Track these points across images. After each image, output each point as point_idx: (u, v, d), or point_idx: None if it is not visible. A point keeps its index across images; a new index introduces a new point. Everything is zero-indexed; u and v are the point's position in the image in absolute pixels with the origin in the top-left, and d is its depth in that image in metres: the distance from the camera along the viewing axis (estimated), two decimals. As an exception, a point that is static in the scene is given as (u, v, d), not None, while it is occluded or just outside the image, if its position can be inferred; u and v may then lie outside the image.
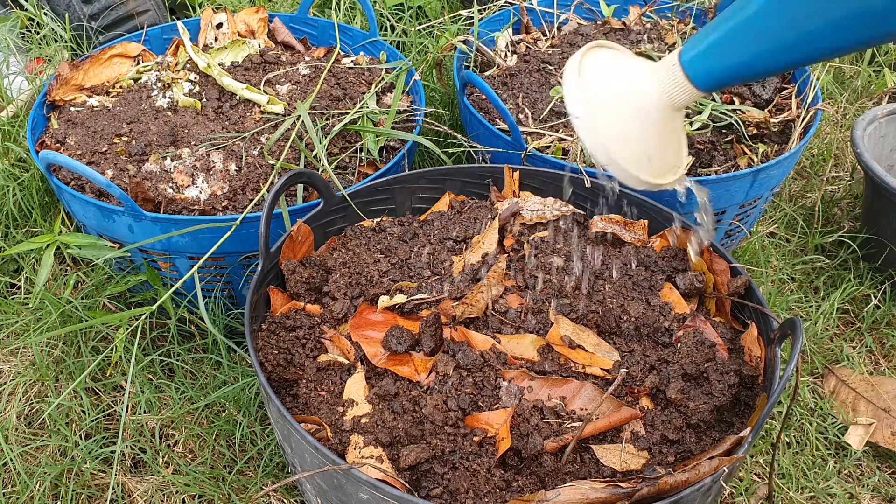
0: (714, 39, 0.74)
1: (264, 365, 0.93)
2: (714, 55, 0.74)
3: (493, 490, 0.81)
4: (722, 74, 0.75)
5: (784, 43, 0.70)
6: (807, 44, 0.69)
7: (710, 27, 0.74)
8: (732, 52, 0.73)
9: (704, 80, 0.75)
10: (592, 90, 0.77)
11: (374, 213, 1.20)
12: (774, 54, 0.71)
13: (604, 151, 0.77)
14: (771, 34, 0.70)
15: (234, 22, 1.62)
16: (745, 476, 1.19)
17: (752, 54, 0.72)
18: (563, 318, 0.98)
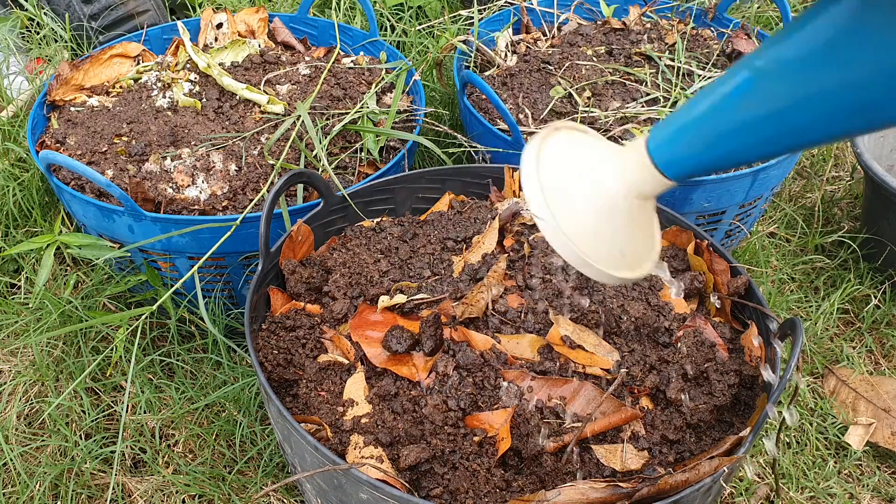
0: (682, 124, 0.67)
1: (264, 365, 0.93)
2: (682, 142, 0.67)
3: (493, 490, 0.81)
4: (693, 164, 0.68)
5: (763, 136, 0.62)
6: (790, 136, 0.62)
7: (680, 109, 0.68)
8: (703, 140, 0.66)
9: (675, 171, 0.69)
10: (554, 190, 0.70)
11: (374, 213, 1.20)
12: (751, 147, 0.64)
13: (576, 255, 0.71)
14: (747, 125, 0.63)
15: (234, 22, 1.62)
16: (745, 476, 1.19)
17: (726, 147, 0.65)
18: (563, 318, 0.98)
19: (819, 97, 0.59)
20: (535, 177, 0.70)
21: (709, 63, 1.56)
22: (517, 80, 1.52)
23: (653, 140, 0.69)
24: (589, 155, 0.73)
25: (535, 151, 0.72)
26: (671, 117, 0.68)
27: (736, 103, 0.63)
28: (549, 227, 0.70)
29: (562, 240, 0.70)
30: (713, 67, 1.55)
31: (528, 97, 1.48)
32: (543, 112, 1.43)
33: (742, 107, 0.62)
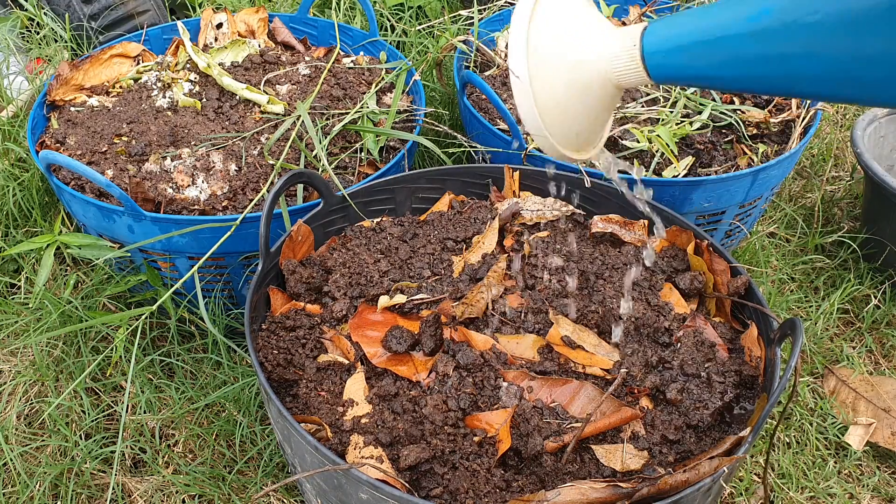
0: (686, 32, 0.63)
1: (264, 365, 0.93)
2: (679, 51, 0.64)
3: (493, 490, 0.81)
4: (681, 74, 0.66)
5: (766, 74, 0.59)
6: (793, 83, 0.59)
7: (688, 14, 0.64)
8: (702, 56, 0.63)
9: (660, 73, 0.66)
10: (541, 49, 0.68)
11: (374, 213, 1.20)
12: (749, 80, 0.62)
13: (536, 120, 0.69)
14: (753, 58, 0.59)
15: (234, 22, 1.62)
16: (745, 476, 1.19)
17: (723, 71, 0.62)
18: (563, 318, 0.98)
19: (836, 61, 0.56)
20: (524, 32, 0.68)
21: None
22: (517, 80, 1.51)
23: (649, 37, 0.66)
24: (581, 27, 0.70)
25: (530, 5, 0.68)
26: (676, 20, 0.65)
27: (751, 31, 0.59)
28: (521, 87, 0.68)
29: (529, 104, 0.69)
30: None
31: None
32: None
33: (754, 37, 0.59)
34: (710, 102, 1.42)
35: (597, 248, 1.12)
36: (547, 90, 0.69)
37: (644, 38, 0.66)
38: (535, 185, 1.21)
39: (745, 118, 1.41)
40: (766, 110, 1.45)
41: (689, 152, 1.36)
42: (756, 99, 1.49)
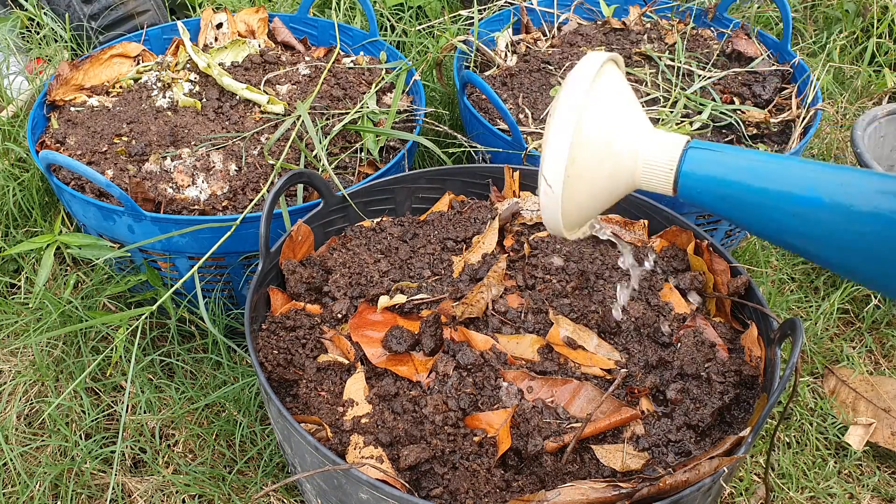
0: (731, 183, 0.64)
1: (264, 365, 0.93)
2: (717, 188, 0.65)
3: (493, 490, 0.81)
4: (708, 206, 0.67)
5: (787, 239, 0.62)
6: (808, 249, 0.62)
7: (742, 157, 0.65)
8: (735, 199, 0.64)
9: (687, 196, 0.68)
10: (580, 163, 0.67)
11: (374, 213, 1.20)
12: (767, 233, 0.64)
13: (558, 224, 0.70)
14: (781, 225, 0.61)
15: (234, 22, 1.62)
16: (745, 476, 1.19)
17: (757, 220, 0.63)
18: (563, 318, 0.98)
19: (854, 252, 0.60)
20: (566, 148, 0.66)
21: (709, 63, 1.56)
22: (517, 80, 1.52)
23: (691, 163, 0.67)
24: (622, 135, 0.69)
25: (573, 119, 0.66)
26: (723, 157, 0.66)
27: (794, 211, 0.61)
28: (552, 197, 0.68)
29: (555, 210, 0.69)
30: (713, 67, 1.55)
31: (528, 97, 1.48)
32: (543, 112, 1.43)
33: (795, 216, 0.61)
34: (710, 102, 1.42)
35: (597, 248, 1.12)
36: (575, 198, 0.69)
37: (685, 160, 0.66)
38: (535, 185, 1.21)
39: (745, 118, 1.41)
40: (766, 110, 1.45)
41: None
42: (756, 99, 1.49)
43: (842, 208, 0.59)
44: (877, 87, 1.97)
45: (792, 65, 1.56)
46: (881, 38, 2.06)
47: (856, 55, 2.10)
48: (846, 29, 2.14)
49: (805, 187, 0.61)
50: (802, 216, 0.61)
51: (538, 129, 1.39)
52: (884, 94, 2.01)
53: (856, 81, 2.00)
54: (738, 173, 0.65)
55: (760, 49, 1.60)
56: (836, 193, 0.59)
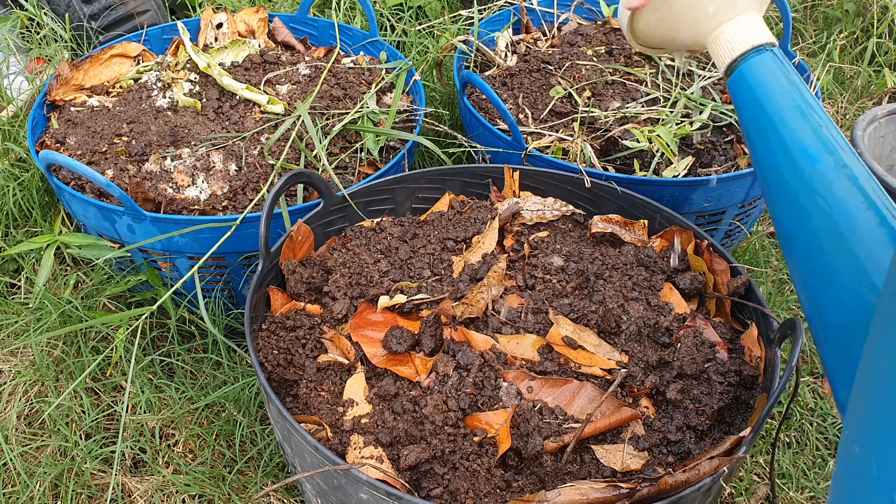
0: (769, 109, 0.72)
1: (264, 365, 0.93)
2: (755, 102, 0.73)
3: (493, 490, 0.81)
4: (739, 107, 0.76)
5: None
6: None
7: (793, 97, 0.72)
8: (759, 114, 0.72)
9: (731, 86, 0.76)
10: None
11: (374, 213, 1.20)
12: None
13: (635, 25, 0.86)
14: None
15: (234, 22, 1.62)
16: (745, 476, 1.19)
17: (763, 144, 0.71)
18: (563, 318, 0.98)
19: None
20: None
21: (709, 63, 1.56)
22: (517, 80, 1.52)
23: (750, 65, 0.75)
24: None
25: None
26: (782, 80, 0.73)
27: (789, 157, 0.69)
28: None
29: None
30: (713, 67, 1.55)
31: (528, 97, 1.48)
32: (543, 112, 1.43)
33: (789, 157, 0.69)
34: (710, 102, 1.42)
35: (597, 249, 1.12)
36: (649, 16, 0.85)
37: (749, 59, 0.76)
38: (535, 185, 1.21)
39: (745, 118, 1.41)
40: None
41: (689, 152, 1.36)
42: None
43: (825, 181, 0.65)
44: (877, 87, 1.97)
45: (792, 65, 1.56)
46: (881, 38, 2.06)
47: (856, 55, 2.10)
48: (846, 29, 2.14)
49: (814, 146, 0.67)
50: (795, 163, 0.67)
51: (538, 129, 1.39)
52: (884, 94, 2.01)
53: (856, 81, 2.00)
54: (780, 98, 0.72)
55: (760, 49, 1.60)
56: (833, 168, 0.65)
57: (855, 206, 0.63)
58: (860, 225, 0.62)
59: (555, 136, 1.36)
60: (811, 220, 0.65)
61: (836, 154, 0.67)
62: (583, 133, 1.37)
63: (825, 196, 0.64)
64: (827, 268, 0.64)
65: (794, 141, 0.69)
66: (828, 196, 0.64)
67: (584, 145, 1.31)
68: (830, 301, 0.64)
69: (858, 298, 0.61)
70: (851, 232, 0.62)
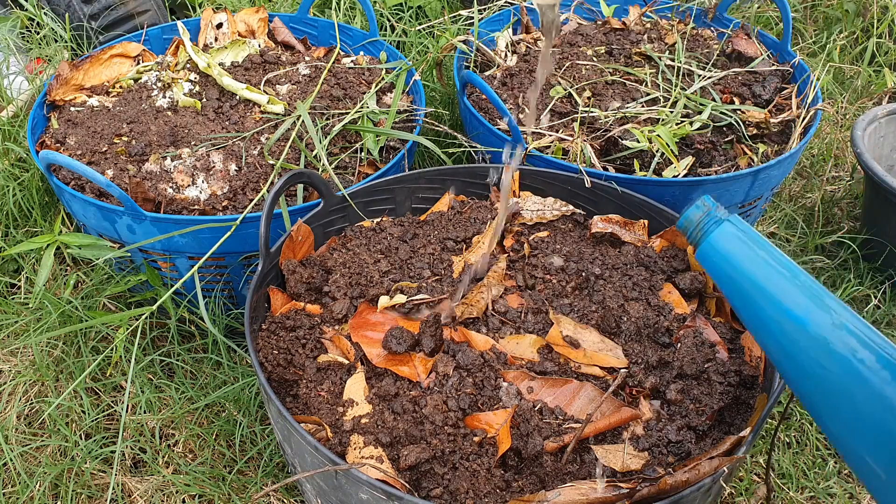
0: (745, 277, 0.73)
1: (264, 365, 0.93)
2: (730, 273, 0.74)
3: (494, 490, 0.81)
4: (715, 277, 0.77)
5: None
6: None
7: (759, 256, 0.73)
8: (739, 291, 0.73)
9: (701, 258, 0.77)
10: None
11: (374, 213, 1.20)
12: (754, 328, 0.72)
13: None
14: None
15: (234, 22, 1.62)
16: (745, 476, 1.19)
17: (750, 312, 0.72)
18: (563, 318, 0.98)
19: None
20: None
21: (709, 63, 1.56)
22: (517, 80, 1.52)
23: (719, 235, 0.76)
24: None
25: None
26: (749, 246, 0.74)
27: (780, 318, 0.70)
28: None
29: None
30: (713, 67, 1.55)
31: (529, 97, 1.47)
32: (543, 112, 1.43)
33: (778, 321, 0.70)
34: (710, 102, 1.42)
35: (597, 249, 1.12)
36: None
37: (716, 230, 0.76)
38: (535, 185, 1.21)
39: (745, 118, 1.41)
40: (766, 110, 1.45)
41: (689, 152, 1.36)
42: (756, 99, 1.49)
43: (821, 341, 0.65)
44: (877, 87, 1.97)
45: (792, 65, 1.56)
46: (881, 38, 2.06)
47: (856, 55, 2.10)
48: (846, 29, 2.14)
49: (802, 307, 0.68)
50: (786, 329, 0.68)
51: (538, 129, 1.39)
52: (884, 94, 2.01)
53: (856, 81, 2.00)
54: (752, 265, 0.72)
55: (760, 49, 1.60)
56: (824, 326, 0.66)
57: (854, 356, 0.64)
58: (873, 369, 0.63)
59: (555, 136, 1.36)
60: (819, 378, 0.66)
61: (826, 311, 0.67)
62: (583, 133, 1.37)
63: (825, 355, 0.65)
64: (850, 417, 0.64)
65: (779, 307, 0.69)
66: (827, 355, 0.65)
67: (584, 145, 1.31)
68: (861, 441, 0.64)
69: (892, 435, 0.61)
70: (865, 377, 0.63)
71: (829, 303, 0.67)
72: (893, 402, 0.60)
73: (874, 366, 0.62)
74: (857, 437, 0.63)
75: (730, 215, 0.76)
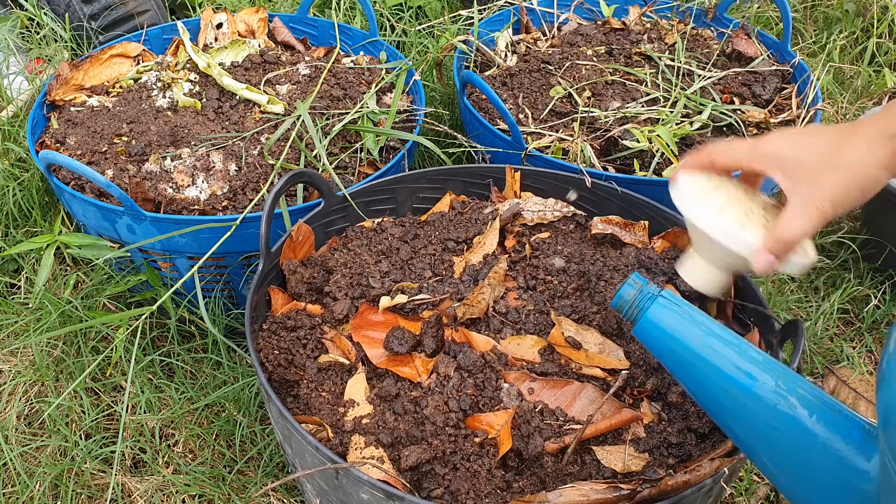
0: (686, 351, 0.73)
1: (265, 365, 0.93)
2: (671, 348, 0.75)
3: (494, 491, 0.81)
4: (657, 354, 0.77)
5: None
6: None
7: (697, 330, 0.74)
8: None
9: (639, 335, 0.78)
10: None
11: (375, 213, 1.20)
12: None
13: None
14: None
15: (234, 22, 1.62)
16: (745, 476, 1.19)
17: (695, 383, 0.73)
18: (564, 319, 0.98)
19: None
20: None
21: (709, 63, 1.56)
22: (517, 80, 1.51)
23: (655, 309, 0.76)
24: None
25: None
26: (686, 320, 0.75)
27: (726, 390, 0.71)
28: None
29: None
30: (713, 67, 1.55)
31: (528, 97, 1.48)
32: (543, 112, 1.43)
33: (726, 389, 0.71)
34: (710, 102, 1.42)
35: (598, 250, 1.12)
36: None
37: (651, 306, 0.76)
38: (536, 185, 1.21)
39: (745, 118, 1.41)
40: (766, 110, 1.45)
41: (689, 152, 1.36)
42: (756, 99, 1.49)
43: (769, 405, 0.68)
44: (877, 87, 1.97)
45: (792, 65, 1.56)
46: (881, 38, 2.06)
47: (856, 55, 2.10)
48: (846, 29, 2.14)
49: (747, 374, 0.69)
50: (733, 396, 0.69)
51: (538, 129, 1.39)
52: (884, 94, 2.01)
53: (856, 81, 2.00)
54: (692, 337, 0.73)
55: (760, 49, 1.60)
56: (769, 388, 0.68)
57: (799, 415, 0.66)
58: (821, 423, 0.65)
59: (555, 136, 1.36)
60: (771, 439, 0.68)
61: (769, 374, 0.69)
62: (583, 133, 1.37)
63: (774, 417, 0.67)
64: (804, 472, 0.66)
65: (724, 376, 0.71)
66: (776, 417, 0.67)
67: (584, 145, 1.31)
68: (818, 495, 0.66)
69: (847, 485, 0.64)
70: (814, 432, 0.65)
71: (771, 366, 0.70)
72: (840, 453, 0.64)
73: (817, 422, 0.65)
74: (810, 488, 0.67)
75: (662, 290, 0.77)
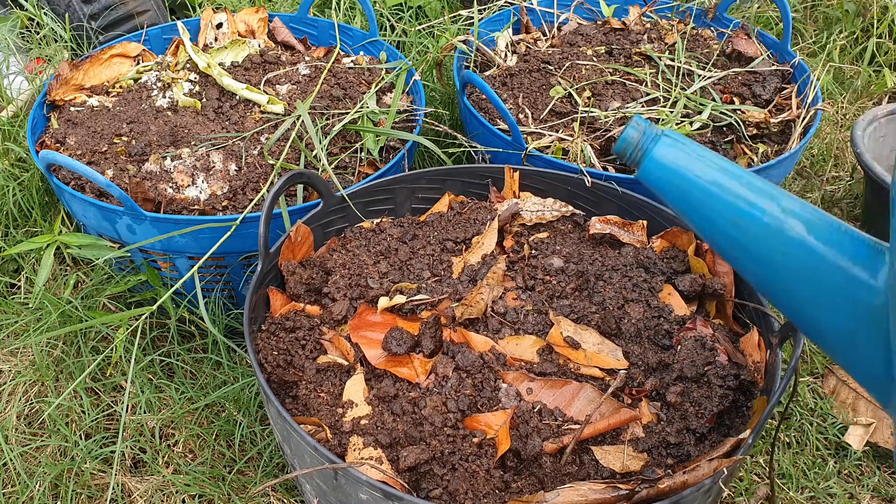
0: (691, 185, 0.72)
1: (264, 366, 0.93)
2: (676, 184, 0.73)
3: (493, 491, 0.81)
4: (663, 194, 0.75)
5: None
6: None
7: (701, 164, 0.72)
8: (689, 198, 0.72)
9: (644, 177, 0.76)
10: None
11: (374, 213, 1.20)
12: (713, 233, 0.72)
13: None
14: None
15: (234, 22, 1.62)
16: (745, 476, 1.19)
17: (703, 219, 0.72)
18: (563, 319, 0.98)
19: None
20: None
21: (709, 63, 1.56)
22: (517, 80, 1.51)
23: (660, 148, 0.74)
24: None
25: None
26: (691, 155, 0.73)
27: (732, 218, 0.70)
28: None
29: None
30: (713, 67, 1.55)
31: (528, 97, 1.48)
32: (543, 112, 1.43)
33: (733, 220, 0.70)
34: (710, 102, 1.42)
35: (596, 250, 1.12)
36: None
37: (655, 145, 0.74)
38: (535, 185, 1.21)
39: (745, 118, 1.41)
40: (766, 110, 1.45)
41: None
42: (756, 99, 1.49)
43: (777, 230, 0.67)
44: (877, 87, 1.97)
45: (792, 65, 1.56)
46: (881, 38, 2.06)
47: (856, 55, 2.10)
48: (846, 29, 2.13)
49: (752, 201, 0.69)
50: (741, 226, 0.69)
51: (538, 129, 1.39)
52: (884, 94, 2.00)
53: (856, 81, 2.00)
54: (697, 171, 0.72)
55: (760, 49, 1.60)
56: (774, 215, 0.68)
57: (806, 237, 0.66)
58: (827, 244, 0.65)
59: (555, 136, 1.36)
60: (781, 266, 0.67)
61: (773, 200, 0.69)
62: (583, 133, 1.37)
63: (782, 242, 0.67)
64: (815, 294, 0.66)
65: (731, 206, 0.70)
66: (784, 241, 0.67)
67: (584, 145, 1.31)
68: (828, 315, 0.66)
69: (855, 301, 0.63)
70: (822, 253, 0.65)
71: (772, 192, 0.69)
72: (848, 270, 0.64)
73: (824, 243, 0.65)
74: (822, 311, 0.66)
75: (665, 129, 0.76)
